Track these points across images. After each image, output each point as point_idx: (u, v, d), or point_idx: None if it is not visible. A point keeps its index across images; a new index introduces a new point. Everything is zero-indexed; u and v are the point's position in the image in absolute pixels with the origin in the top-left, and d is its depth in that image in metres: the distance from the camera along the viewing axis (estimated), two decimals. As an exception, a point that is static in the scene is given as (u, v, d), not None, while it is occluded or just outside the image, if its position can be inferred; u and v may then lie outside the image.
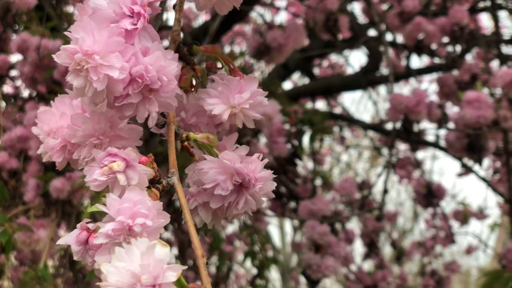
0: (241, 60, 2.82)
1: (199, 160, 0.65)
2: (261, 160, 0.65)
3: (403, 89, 4.23)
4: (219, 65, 0.73)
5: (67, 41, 2.12)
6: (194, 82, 0.73)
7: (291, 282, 4.91)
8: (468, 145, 1.78)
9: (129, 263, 0.47)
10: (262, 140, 2.21)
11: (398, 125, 1.57)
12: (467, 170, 2.74)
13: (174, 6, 0.72)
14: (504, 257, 2.52)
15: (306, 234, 1.38)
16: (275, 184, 0.65)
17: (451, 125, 2.19)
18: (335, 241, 1.38)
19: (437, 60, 2.98)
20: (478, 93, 1.74)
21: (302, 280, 6.67)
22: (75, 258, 0.62)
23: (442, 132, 2.56)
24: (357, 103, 12.09)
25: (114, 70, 0.59)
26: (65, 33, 0.61)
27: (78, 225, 0.63)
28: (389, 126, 2.18)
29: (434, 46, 2.52)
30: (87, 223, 0.65)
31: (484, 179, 2.55)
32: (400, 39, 2.77)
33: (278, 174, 3.23)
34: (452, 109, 2.43)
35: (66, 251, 3.15)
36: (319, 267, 1.33)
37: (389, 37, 2.75)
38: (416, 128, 1.67)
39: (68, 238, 0.62)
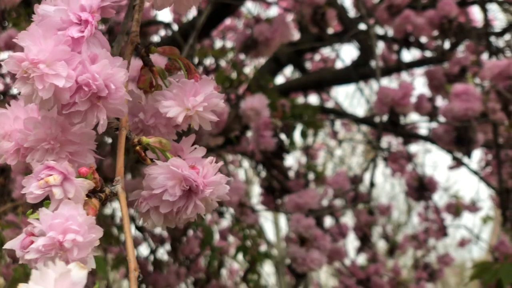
0: (231, 55, 2.81)
1: (151, 164, 0.65)
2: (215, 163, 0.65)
3: (395, 82, 4.23)
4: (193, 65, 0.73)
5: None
6: (154, 83, 0.73)
7: (286, 276, 4.92)
8: (456, 138, 1.78)
9: (43, 287, 0.47)
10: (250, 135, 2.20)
11: (385, 118, 1.57)
12: (458, 163, 2.75)
13: (133, 6, 0.72)
14: (497, 249, 2.53)
15: (291, 227, 1.37)
16: (227, 187, 0.65)
17: (442, 118, 2.19)
18: (320, 234, 1.38)
19: (428, 54, 2.98)
20: (466, 85, 1.73)
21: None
22: (20, 262, 0.63)
23: (434, 125, 2.56)
24: (350, 98, 12.09)
25: (59, 78, 0.59)
26: (14, 40, 0.61)
27: (24, 230, 0.64)
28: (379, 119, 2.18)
29: (424, 39, 2.52)
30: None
31: (475, 172, 2.56)
32: (390, 32, 2.77)
33: (270, 169, 3.23)
34: (443, 102, 2.43)
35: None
36: (304, 260, 1.33)
37: (380, 30, 2.74)
38: (402, 121, 1.67)
39: (14, 243, 0.63)
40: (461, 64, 2.16)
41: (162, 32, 2.92)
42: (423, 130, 3.06)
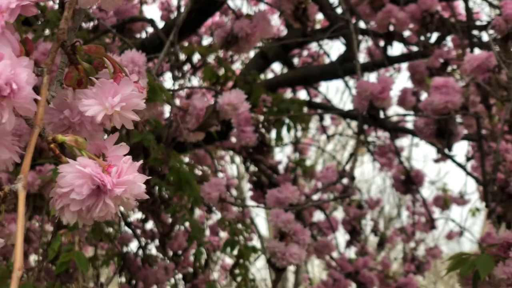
0: (219, 52, 2.83)
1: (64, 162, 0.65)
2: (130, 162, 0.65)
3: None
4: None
5: (39, 35, 2.11)
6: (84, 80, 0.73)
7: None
8: (437, 131, 1.79)
9: None
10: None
11: (365, 112, 1.58)
12: (444, 156, 2.77)
13: (64, 3, 0.72)
14: (484, 241, 2.54)
15: (271, 222, 1.39)
16: (143, 186, 0.65)
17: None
18: (300, 228, 1.39)
19: (416, 48, 3.00)
20: (446, 78, 1.75)
21: (290, 267, 6.72)
22: None
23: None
24: (341, 93, 12.11)
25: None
26: None
27: None
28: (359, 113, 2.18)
29: (407, 34, 2.54)
30: None
31: (460, 165, 2.57)
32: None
33: (258, 164, 3.25)
34: (426, 96, 2.45)
35: (49, 244, 3.15)
36: (283, 255, 1.34)
37: (365, 25, 2.75)
38: (384, 114, 1.68)
39: None
40: (443, 58, 2.17)
41: (150, 29, 2.93)
42: (410, 124, 3.08)
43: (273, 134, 2.84)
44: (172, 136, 1.56)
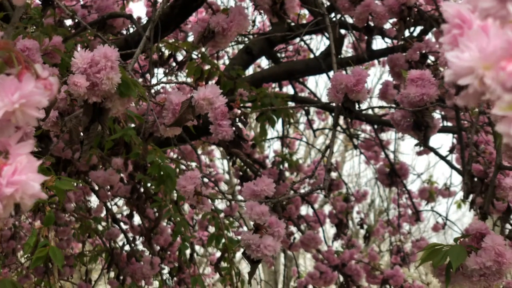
0: (199, 48, 2.83)
1: None
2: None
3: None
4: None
5: (19, 32, 2.10)
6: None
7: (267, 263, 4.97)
8: (414, 123, 1.80)
9: None
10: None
11: (340, 104, 1.59)
12: (427, 148, 2.79)
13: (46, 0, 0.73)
14: (468, 232, 2.57)
15: (245, 214, 1.40)
16: (36, 186, 0.64)
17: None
18: (275, 221, 1.41)
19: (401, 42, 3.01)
20: (421, 71, 1.76)
21: (281, 260, 6.74)
22: None
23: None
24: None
25: None
26: None
27: None
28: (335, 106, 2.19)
29: (387, 27, 2.55)
30: None
31: (442, 157, 2.60)
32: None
33: (244, 159, 3.26)
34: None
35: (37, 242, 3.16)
36: (258, 247, 1.35)
37: (349, 20, 2.76)
38: (357, 107, 1.69)
39: None
40: (422, 51, 2.19)
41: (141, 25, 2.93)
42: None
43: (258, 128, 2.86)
44: (148, 131, 1.57)
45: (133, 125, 2.26)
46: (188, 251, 2.75)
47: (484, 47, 0.47)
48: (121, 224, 3.17)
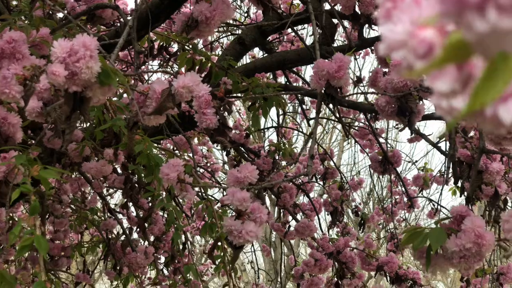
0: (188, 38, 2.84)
1: None
2: None
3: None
4: None
5: (7, 23, 2.11)
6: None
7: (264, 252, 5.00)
8: (398, 109, 1.81)
9: None
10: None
11: (322, 91, 1.60)
12: (417, 135, 2.80)
13: None
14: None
15: (226, 200, 1.42)
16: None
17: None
18: (257, 207, 1.42)
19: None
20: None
21: (284, 250, 6.79)
22: None
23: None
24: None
25: None
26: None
27: None
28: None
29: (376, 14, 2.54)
30: None
31: (433, 143, 2.60)
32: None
33: (238, 148, 3.28)
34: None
35: (43, 235, 3.18)
36: (240, 233, 1.37)
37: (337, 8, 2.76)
38: (339, 94, 1.70)
39: None
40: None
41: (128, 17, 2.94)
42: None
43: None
44: (132, 121, 1.59)
45: (124, 116, 2.28)
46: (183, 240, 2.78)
47: (416, 19, 0.48)
48: (119, 214, 3.20)
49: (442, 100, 0.45)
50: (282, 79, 4.14)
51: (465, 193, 2.40)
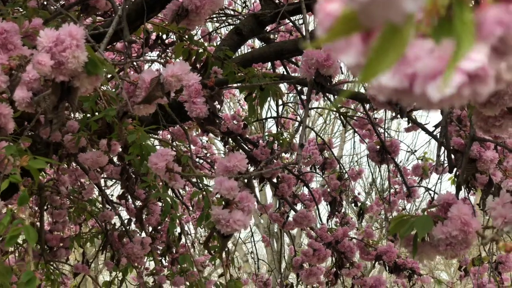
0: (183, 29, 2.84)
1: None
2: None
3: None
4: None
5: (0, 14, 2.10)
6: None
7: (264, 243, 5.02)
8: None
9: None
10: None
11: (312, 79, 1.60)
12: (414, 123, 2.79)
13: None
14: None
15: (214, 190, 1.42)
16: None
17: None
18: (245, 196, 1.42)
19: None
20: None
21: (286, 240, 6.79)
22: None
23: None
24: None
25: None
26: None
27: None
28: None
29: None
30: None
31: (429, 132, 2.59)
32: None
33: (236, 139, 3.28)
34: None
35: (33, 225, 3.20)
36: (227, 222, 1.37)
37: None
38: (329, 82, 1.69)
39: None
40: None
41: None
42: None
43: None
44: (122, 110, 1.59)
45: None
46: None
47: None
48: (117, 205, 3.21)
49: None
50: (281, 70, 4.14)
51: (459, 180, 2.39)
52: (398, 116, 1.83)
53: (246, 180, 1.57)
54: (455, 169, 2.20)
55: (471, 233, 1.34)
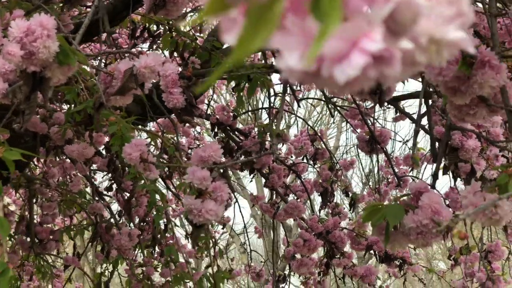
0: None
1: None
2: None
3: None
4: None
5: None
6: None
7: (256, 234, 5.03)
8: (370, 88, 1.80)
9: None
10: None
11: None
12: (402, 113, 2.79)
13: None
14: (448, 196, 2.57)
15: (187, 179, 1.42)
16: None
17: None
18: (218, 186, 1.43)
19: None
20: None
21: (281, 232, 6.81)
22: None
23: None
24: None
25: None
26: None
27: None
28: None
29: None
30: None
31: (416, 122, 2.59)
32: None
33: (226, 129, 3.28)
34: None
35: (23, 218, 3.21)
36: (199, 212, 1.37)
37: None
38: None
39: None
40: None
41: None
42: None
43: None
44: (98, 102, 1.59)
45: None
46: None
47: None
48: (110, 198, 3.21)
49: (279, 60, 0.45)
50: (265, 59, 4.11)
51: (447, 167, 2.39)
52: (378, 105, 1.82)
53: (221, 170, 1.58)
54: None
55: (441, 222, 1.34)
